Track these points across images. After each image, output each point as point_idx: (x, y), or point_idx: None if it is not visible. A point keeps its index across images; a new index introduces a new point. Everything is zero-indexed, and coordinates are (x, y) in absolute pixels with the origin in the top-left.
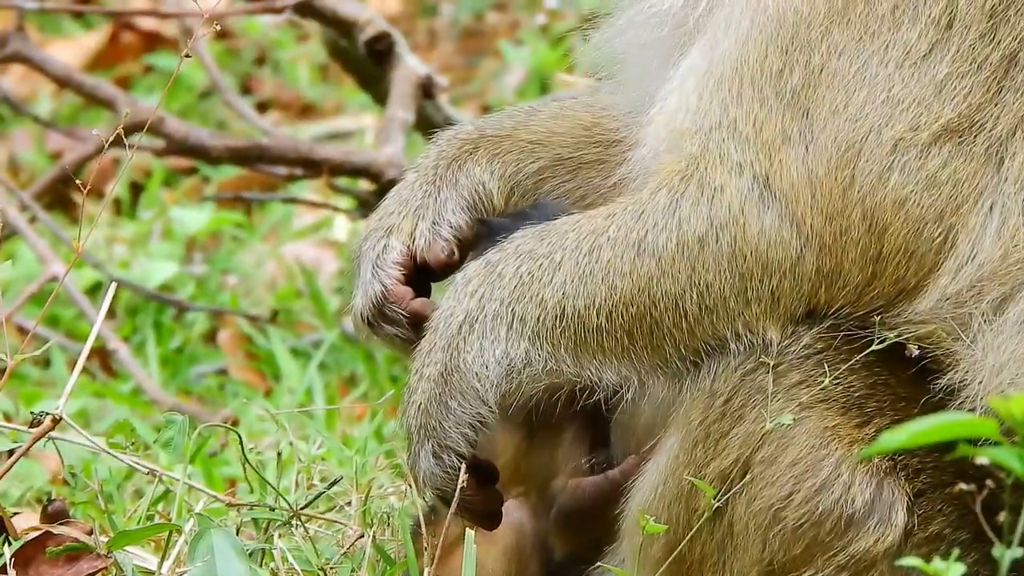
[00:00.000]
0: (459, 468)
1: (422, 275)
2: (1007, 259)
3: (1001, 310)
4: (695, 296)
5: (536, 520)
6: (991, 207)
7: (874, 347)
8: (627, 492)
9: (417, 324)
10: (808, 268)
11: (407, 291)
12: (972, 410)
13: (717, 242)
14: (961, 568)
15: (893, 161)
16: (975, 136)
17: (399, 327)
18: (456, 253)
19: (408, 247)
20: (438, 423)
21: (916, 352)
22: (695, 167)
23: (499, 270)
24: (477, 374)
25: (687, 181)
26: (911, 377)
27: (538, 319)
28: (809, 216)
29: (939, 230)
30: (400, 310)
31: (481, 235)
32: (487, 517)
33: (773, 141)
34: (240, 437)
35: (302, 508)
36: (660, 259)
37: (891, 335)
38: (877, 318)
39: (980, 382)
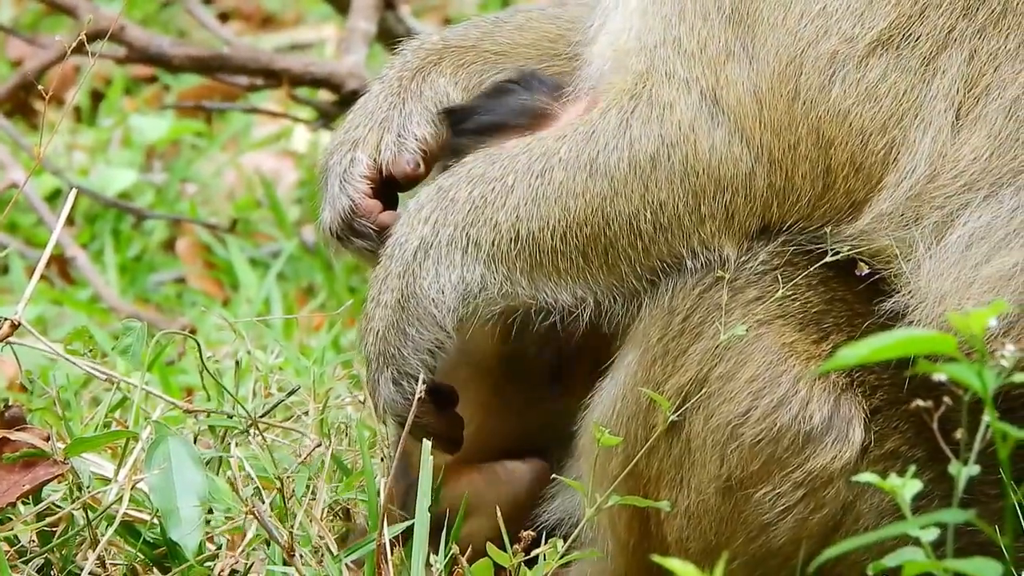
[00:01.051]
0: (414, 395)
1: (389, 187)
2: (935, 179)
3: (940, 235)
4: (649, 215)
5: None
6: (926, 124)
7: (827, 259)
8: (584, 408)
9: (386, 237)
10: (760, 183)
11: (375, 204)
12: None
13: (669, 160)
14: (917, 485)
15: (833, 74)
16: (911, 49)
17: (368, 240)
18: (422, 165)
19: (375, 160)
20: (396, 350)
21: (866, 270)
22: (643, 85)
23: (451, 195)
24: (434, 299)
25: (636, 99)
26: (868, 295)
27: (493, 242)
28: (758, 131)
29: (883, 142)
30: (369, 223)
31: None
32: (449, 441)
33: (717, 57)
34: (199, 344)
35: (260, 417)
36: (613, 179)
37: (844, 249)
38: (829, 229)
39: (923, 309)
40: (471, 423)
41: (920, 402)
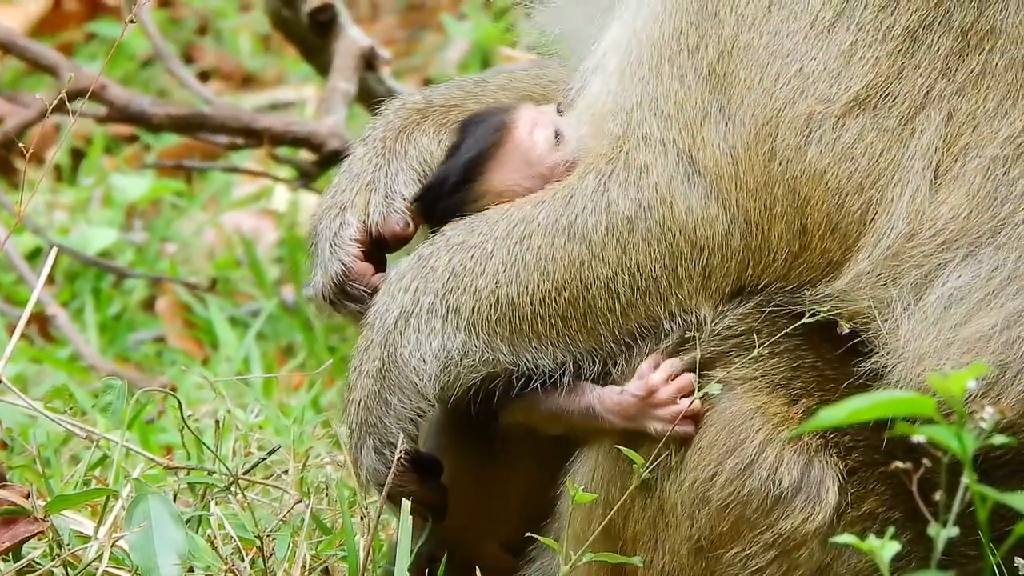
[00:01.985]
0: (402, 462)
1: (378, 249)
2: (914, 239)
3: (918, 294)
4: (627, 278)
5: None
6: (904, 183)
7: (805, 320)
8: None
9: None
10: (737, 243)
11: (367, 267)
12: None
13: (646, 222)
14: (896, 546)
15: (809, 134)
16: (888, 109)
17: (362, 303)
18: (411, 225)
19: (364, 222)
20: (378, 419)
21: (847, 329)
22: (620, 149)
23: (431, 263)
24: (415, 368)
25: (613, 163)
26: (838, 358)
27: (473, 309)
28: (734, 192)
29: (859, 203)
30: (362, 286)
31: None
32: (432, 509)
33: (694, 118)
34: (179, 402)
35: (242, 474)
36: (590, 242)
37: (823, 310)
38: (808, 291)
39: (902, 369)
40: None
41: (900, 464)
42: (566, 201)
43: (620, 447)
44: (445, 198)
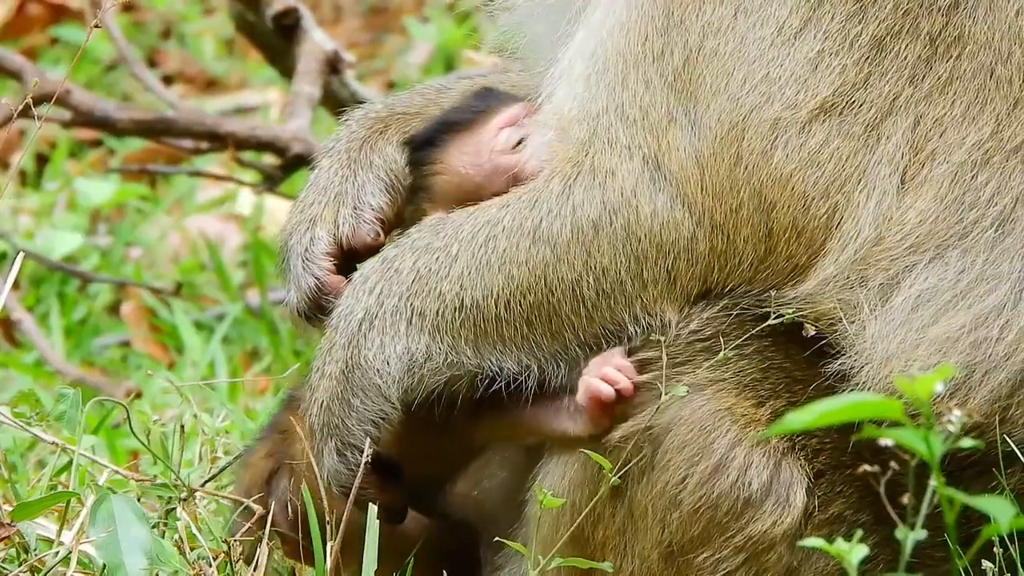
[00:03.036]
0: (358, 466)
1: (349, 260)
2: (881, 242)
3: (886, 297)
4: (592, 281)
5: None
6: (870, 189)
7: (771, 322)
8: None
9: None
10: (702, 247)
11: (339, 279)
12: None
13: (611, 225)
14: (864, 549)
15: (776, 139)
16: (854, 116)
17: None
18: (381, 234)
19: (334, 236)
20: (340, 421)
21: (812, 332)
22: (585, 153)
23: (396, 266)
24: (379, 370)
25: (579, 167)
26: (806, 360)
27: (437, 312)
28: (699, 196)
29: (825, 207)
30: (335, 299)
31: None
32: (393, 512)
33: (659, 123)
34: (128, 413)
35: (202, 484)
36: (555, 245)
37: (788, 311)
38: (773, 294)
39: (869, 371)
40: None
41: (867, 467)
42: (531, 204)
43: (588, 452)
44: (414, 150)
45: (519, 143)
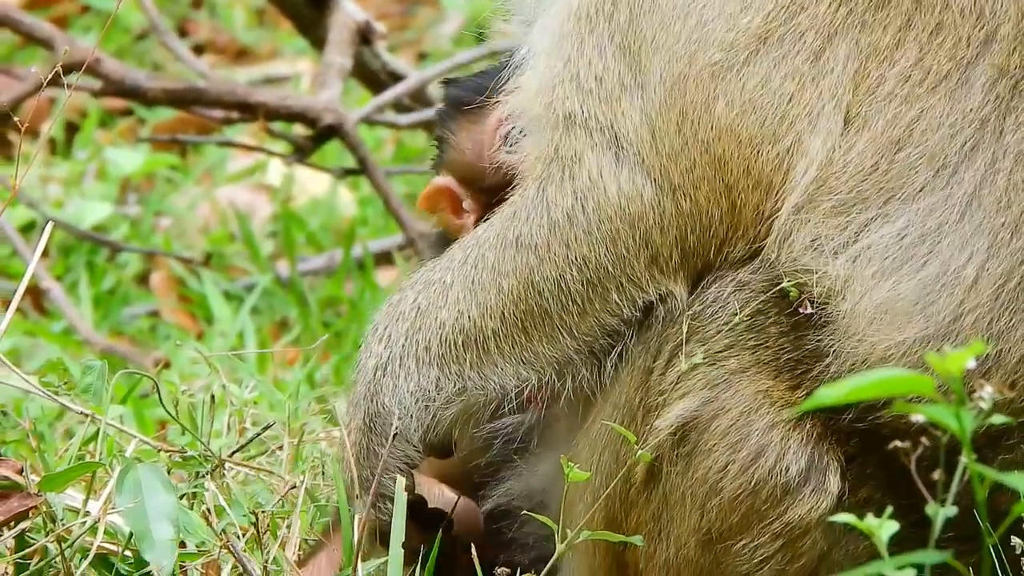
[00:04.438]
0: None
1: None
2: (825, 185)
3: (852, 244)
4: (575, 273)
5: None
6: (815, 129)
7: (782, 286)
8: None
9: None
10: (670, 212)
11: None
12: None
13: (583, 212)
14: (895, 525)
15: (715, 88)
16: (791, 47)
17: None
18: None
19: None
20: (369, 473)
21: (811, 309)
22: (551, 145)
23: (400, 308)
24: (396, 413)
25: (548, 163)
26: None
27: (441, 341)
28: (655, 160)
29: (775, 152)
30: None
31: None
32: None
33: (613, 90)
34: (157, 385)
35: (230, 455)
36: (536, 248)
37: (788, 283)
38: (774, 255)
39: (847, 343)
40: None
41: (899, 443)
42: (511, 216)
43: (617, 427)
44: (443, 104)
45: (507, 139)
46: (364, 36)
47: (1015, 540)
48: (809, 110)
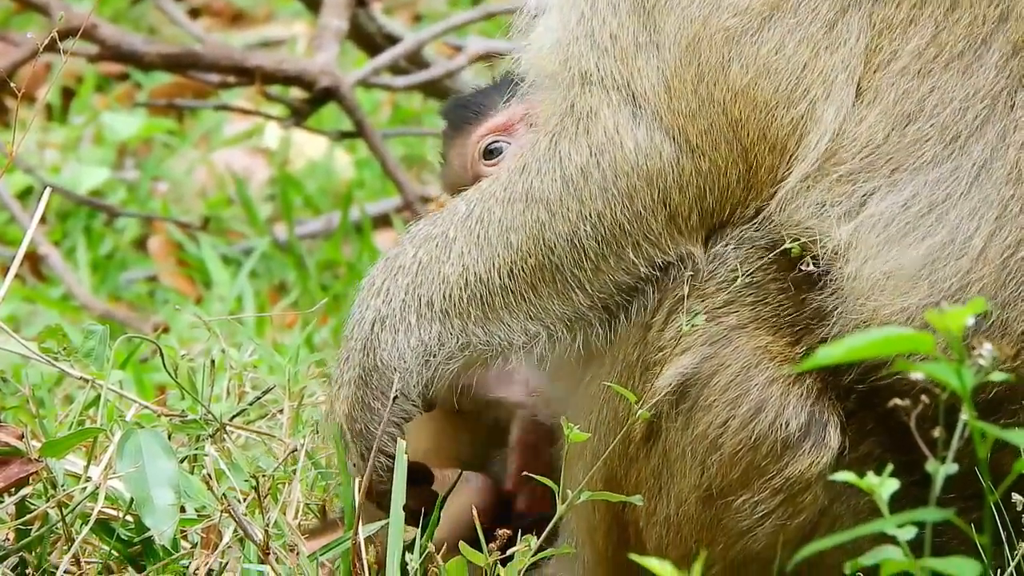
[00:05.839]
0: (389, 469)
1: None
2: (835, 156)
3: (858, 211)
4: (588, 229)
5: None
6: (828, 91)
7: (786, 246)
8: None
9: None
10: (688, 171)
11: None
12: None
13: (599, 167)
14: (895, 483)
15: (730, 51)
16: (807, 15)
17: None
18: None
19: None
20: (364, 426)
21: (812, 267)
22: (566, 100)
23: (399, 262)
24: (395, 368)
25: (561, 117)
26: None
27: (444, 296)
28: (673, 119)
29: (789, 117)
30: None
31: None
32: (420, 515)
33: (628, 48)
34: (161, 350)
35: (232, 419)
36: (548, 202)
37: (795, 245)
38: (778, 216)
39: (850, 303)
40: (428, 428)
41: (899, 401)
42: (521, 169)
43: (617, 387)
44: (446, 113)
45: (491, 152)
46: None
47: (1016, 497)
48: (824, 78)
